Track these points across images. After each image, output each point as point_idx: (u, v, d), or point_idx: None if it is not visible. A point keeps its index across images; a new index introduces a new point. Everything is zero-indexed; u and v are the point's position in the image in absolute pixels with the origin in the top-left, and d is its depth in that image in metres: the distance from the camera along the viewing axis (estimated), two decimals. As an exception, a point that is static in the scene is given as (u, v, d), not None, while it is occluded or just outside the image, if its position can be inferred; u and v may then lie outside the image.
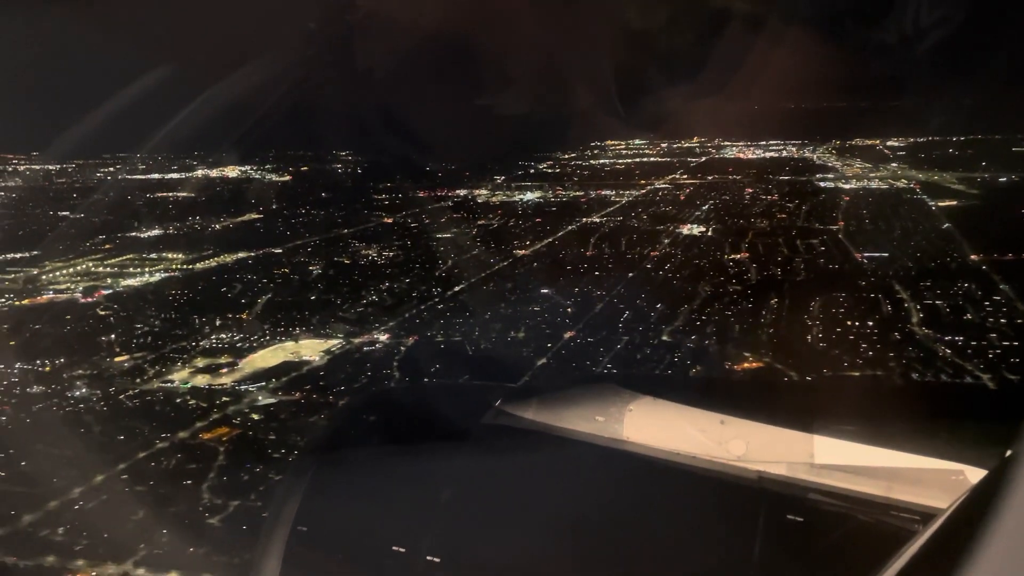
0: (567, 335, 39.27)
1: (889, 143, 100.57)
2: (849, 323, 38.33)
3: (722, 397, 2.77)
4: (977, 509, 1.43)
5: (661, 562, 2.31)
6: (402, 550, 2.36)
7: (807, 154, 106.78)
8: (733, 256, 53.41)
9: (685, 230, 62.94)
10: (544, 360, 35.96)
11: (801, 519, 2.30)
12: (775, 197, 77.44)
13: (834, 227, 61.55)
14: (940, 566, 1.45)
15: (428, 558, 2.32)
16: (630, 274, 49.93)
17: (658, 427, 2.59)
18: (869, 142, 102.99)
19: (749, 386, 5.16)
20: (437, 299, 47.54)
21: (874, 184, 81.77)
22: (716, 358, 34.91)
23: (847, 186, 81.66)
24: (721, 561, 2.27)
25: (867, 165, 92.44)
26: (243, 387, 34.53)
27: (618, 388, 2.70)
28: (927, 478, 2.30)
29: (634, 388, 2.73)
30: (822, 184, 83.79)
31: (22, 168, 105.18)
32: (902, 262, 48.94)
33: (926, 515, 2.24)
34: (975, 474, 2.24)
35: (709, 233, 61.60)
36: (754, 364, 34.03)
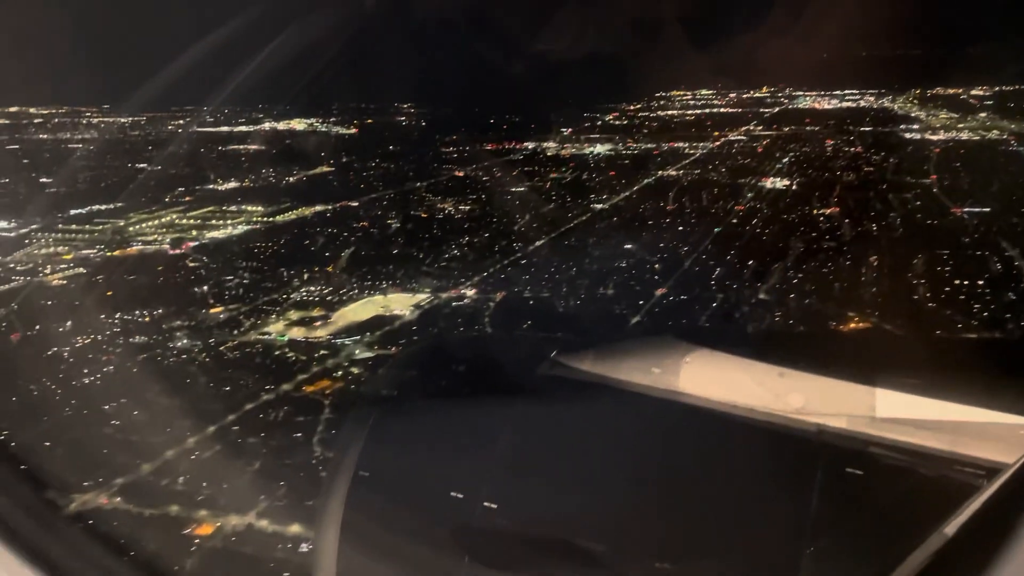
0: (659, 292, 38.43)
1: (973, 92, 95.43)
2: (957, 282, 36.64)
3: (781, 350, 2.71)
4: None
5: (717, 514, 2.26)
6: (460, 496, 2.39)
7: (886, 104, 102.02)
8: (823, 211, 51.51)
9: (768, 183, 60.90)
10: (638, 318, 35.25)
11: (861, 472, 2.24)
12: (859, 149, 74.34)
13: (927, 181, 58.78)
14: (1006, 520, 1.46)
15: (485, 504, 2.33)
16: (716, 229, 48.60)
17: (715, 379, 2.53)
18: (951, 91, 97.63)
19: (809, 339, 5.02)
20: (519, 254, 47.04)
21: (964, 135, 77.68)
22: (819, 318, 33.72)
23: (935, 137, 77.78)
24: (778, 514, 2.21)
25: (953, 115, 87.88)
26: (338, 340, 34.72)
27: (675, 340, 2.67)
28: (993, 432, 2.22)
29: (691, 340, 2.67)
30: (907, 136, 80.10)
31: (95, 121, 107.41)
32: (1005, 218, 46.48)
33: (991, 470, 2.16)
34: None
35: (794, 187, 59.49)
36: (860, 324, 32.76)
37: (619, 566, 2.27)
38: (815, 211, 51.48)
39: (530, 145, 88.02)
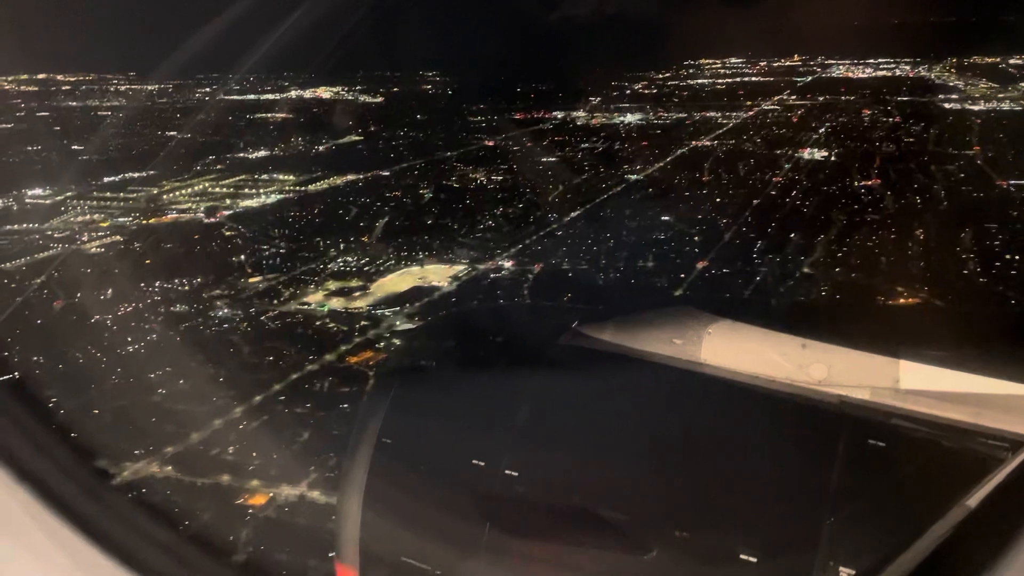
0: (700, 265, 37.90)
1: (1012, 61, 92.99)
2: (1009, 256, 35.77)
3: (803, 320, 2.67)
4: None
5: (738, 485, 2.25)
6: (481, 463, 2.39)
7: (923, 73, 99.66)
8: (864, 183, 50.41)
9: (805, 154, 59.71)
10: (680, 292, 34.79)
11: (883, 444, 2.22)
12: (897, 119, 72.67)
13: (970, 152, 57.33)
14: None
15: (506, 472, 2.33)
16: (754, 201, 47.73)
17: (737, 350, 2.51)
18: (989, 60, 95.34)
19: (832, 310, 4.96)
20: (554, 224, 46.57)
21: (1006, 105, 75.69)
22: (866, 292, 33.07)
23: (976, 108, 75.86)
24: (799, 485, 2.20)
25: (993, 85, 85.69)
26: (378, 311, 34.59)
27: (696, 311, 2.63)
28: (1017, 404, 2.21)
29: (713, 311, 2.64)
30: (947, 106, 78.29)
31: (123, 88, 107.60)
32: (1054, 190, 45.37)
33: (1016, 442, 2.14)
34: None
35: (832, 158, 58.27)
36: (910, 300, 32.09)
37: (639, 534, 2.25)
38: (856, 183, 50.40)
39: (559, 114, 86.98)
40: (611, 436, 2.46)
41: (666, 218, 45.72)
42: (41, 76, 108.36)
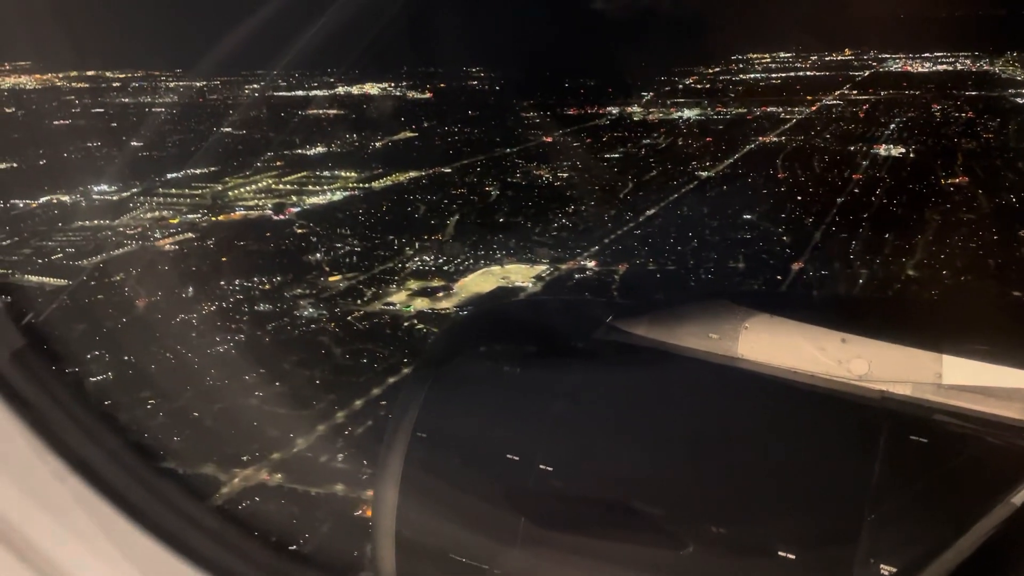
0: (795, 266, 36.41)
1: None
2: None
3: (843, 314, 2.58)
4: None
5: (776, 481, 2.22)
6: (516, 458, 2.40)
7: (985, 67, 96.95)
8: (951, 181, 48.46)
9: (882, 151, 57.79)
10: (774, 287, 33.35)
11: (926, 440, 2.17)
12: (970, 114, 70.36)
13: (1057, 149, 55.11)
14: None
15: (541, 467, 2.34)
16: (839, 199, 46.07)
17: (775, 345, 2.45)
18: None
19: (872, 303, 4.73)
20: (631, 223, 45.33)
21: (1084, 100, 73.20)
22: (982, 297, 31.39)
23: (1052, 103, 73.44)
24: (839, 481, 2.16)
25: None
26: (466, 312, 33.66)
27: (732, 304, 2.56)
28: None
29: (749, 305, 2.56)
30: (1020, 100, 75.83)
31: (172, 85, 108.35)
32: None
33: None
34: None
35: (911, 155, 56.31)
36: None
37: (675, 530, 2.20)
38: (943, 180, 48.47)
39: (613, 110, 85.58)
40: (646, 431, 2.43)
41: (748, 216, 44.25)
42: (90, 73, 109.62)
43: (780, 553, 2.08)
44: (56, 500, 1.97)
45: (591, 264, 39.16)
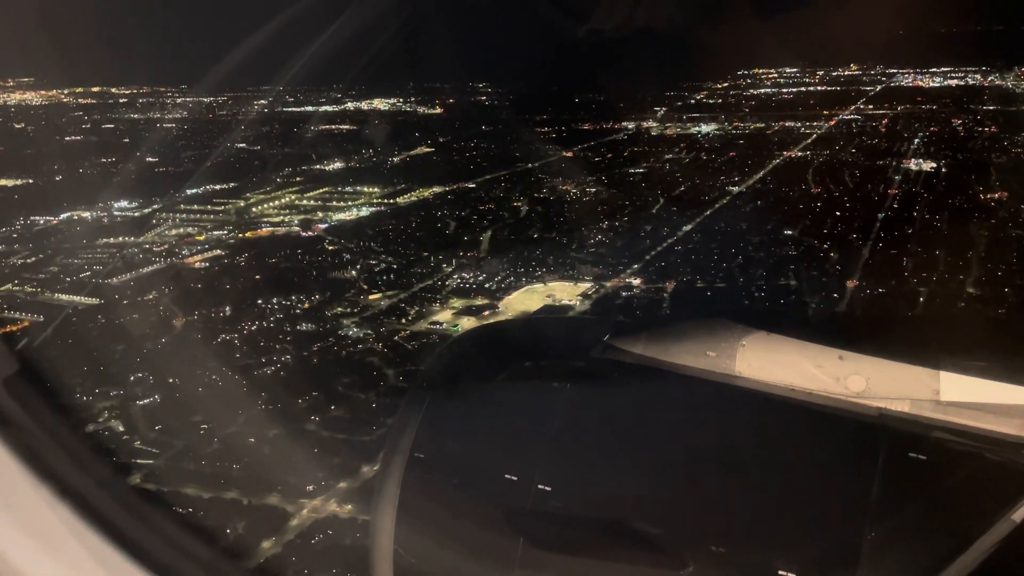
0: (850, 284, 35.52)
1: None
2: None
3: (840, 332, 2.58)
4: None
5: (775, 500, 2.21)
6: (514, 478, 2.39)
7: (996, 81, 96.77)
8: (990, 195, 47.77)
9: (912, 165, 57.08)
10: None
11: (924, 457, 2.19)
12: (993, 128, 69.83)
13: (1090, 163, 54.53)
14: None
15: (539, 486, 2.31)
16: (880, 215, 45.28)
17: (772, 362, 2.45)
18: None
19: (869, 321, 4.44)
20: (670, 238, 44.43)
21: (1101, 115, 72.83)
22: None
23: (1073, 117, 73.06)
24: (838, 499, 2.16)
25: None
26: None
27: (730, 322, 2.56)
28: None
29: (747, 322, 2.56)
30: (1041, 115, 75.43)
31: (179, 100, 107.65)
32: None
33: None
34: None
35: (943, 169, 55.62)
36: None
37: (674, 550, 2.18)
38: (981, 195, 47.77)
39: (629, 125, 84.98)
40: (645, 450, 2.41)
41: (789, 232, 43.43)
42: (96, 89, 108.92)
43: (780, 572, 2.03)
44: (46, 528, 1.92)
45: (636, 281, 38.20)
